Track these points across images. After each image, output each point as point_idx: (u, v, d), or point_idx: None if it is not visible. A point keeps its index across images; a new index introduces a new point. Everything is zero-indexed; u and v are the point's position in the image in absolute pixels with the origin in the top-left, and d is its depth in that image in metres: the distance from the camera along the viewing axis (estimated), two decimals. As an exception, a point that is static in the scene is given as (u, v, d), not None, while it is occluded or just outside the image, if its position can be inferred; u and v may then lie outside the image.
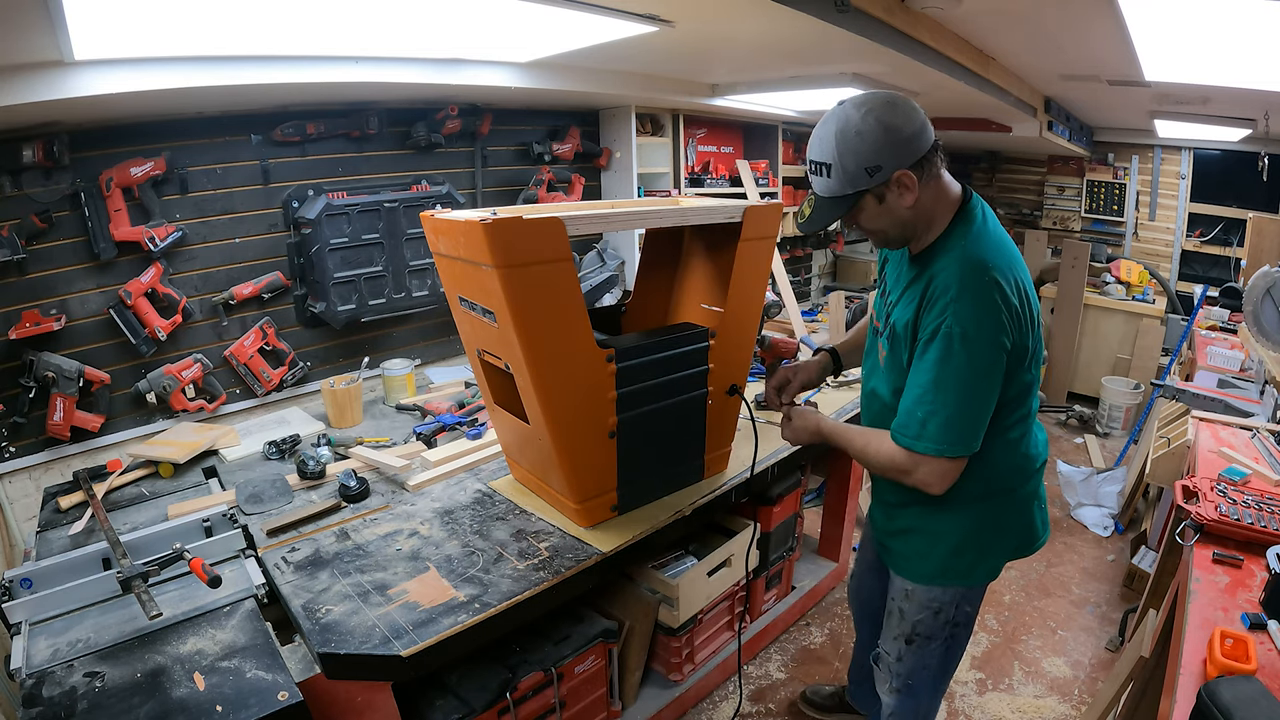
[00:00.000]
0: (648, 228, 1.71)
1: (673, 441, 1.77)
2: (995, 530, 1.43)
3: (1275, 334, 2.40)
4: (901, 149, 1.21)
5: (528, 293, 1.36)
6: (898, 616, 1.55)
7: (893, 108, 1.21)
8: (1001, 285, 1.20)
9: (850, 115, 1.20)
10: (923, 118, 1.23)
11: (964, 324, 1.19)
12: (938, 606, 1.48)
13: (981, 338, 1.19)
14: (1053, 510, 3.50)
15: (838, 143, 1.21)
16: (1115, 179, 5.27)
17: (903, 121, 1.20)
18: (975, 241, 1.25)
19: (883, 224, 1.30)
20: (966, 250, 1.24)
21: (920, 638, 1.52)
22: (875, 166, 1.21)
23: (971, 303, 1.19)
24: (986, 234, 1.27)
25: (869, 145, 1.19)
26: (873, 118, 1.19)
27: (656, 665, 2.14)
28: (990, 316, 1.19)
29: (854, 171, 1.21)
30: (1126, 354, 4.73)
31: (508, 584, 1.45)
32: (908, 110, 1.22)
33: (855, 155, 1.20)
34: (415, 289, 2.71)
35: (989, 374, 1.22)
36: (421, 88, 2.42)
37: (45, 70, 1.61)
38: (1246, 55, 2.20)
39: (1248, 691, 1.02)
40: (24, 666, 1.21)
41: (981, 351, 1.20)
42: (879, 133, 1.19)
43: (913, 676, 1.58)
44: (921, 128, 1.22)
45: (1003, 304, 1.19)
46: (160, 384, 2.26)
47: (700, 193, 3.76)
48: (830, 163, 1.23)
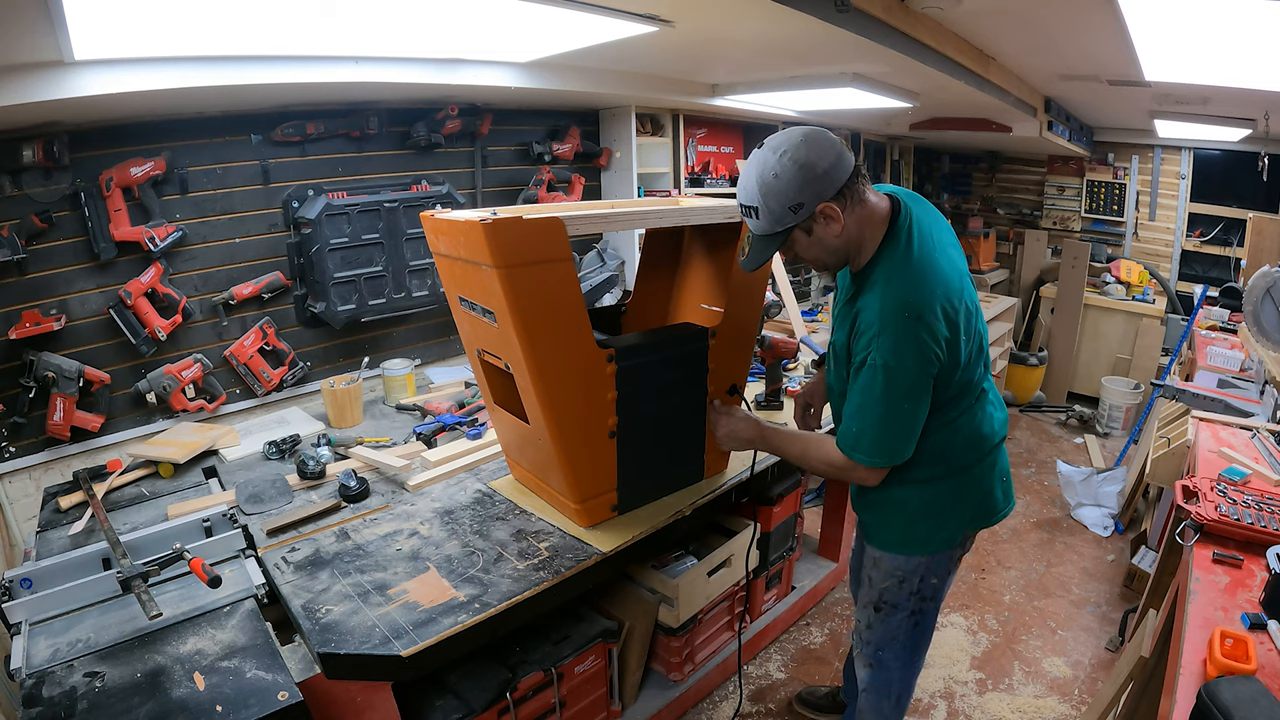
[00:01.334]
0: (648, 228, 1.71)
1: (673, 441, 1.77)
2: (952, 502, 1.51)
3: (1275, 334, 2.40)
4: (819, 184, 1.27)
5: (528, 293, 1.36)
6: (867, 584, 1.64)
7: (807, 145, 1.27)
8: (923, 318, 1.28)
9: (768, 160, 1.28)
10: (838, 150, 1.29)
11: (885, 357, 1.29)
12: (902, 575, 1.56)
13: (903, 367, 1.29)
14: (1053, 510, 3.51)
15: (759, 186, 1.28)
16: (1115, 179, 5.27)
17: (817, 158, 1.26)
18: (898, 274, 1.33)
19: (817, 253, 1.38)
20: (889, 285, 1.32)
21: (887, 605, 1.60)
22: (798, 204, 1.27)
23: (892, 338, 1.28)
24: (910, 263, 1.33)
25: (788, 185, 1.26)
26: (788, 159, 1.26)
27: (656, 665, 2.15)
28: (910, 349, 1.28)
29: (779, 211, 1.29)
30: (1126, 354, 4.73)
31: (508, 584, 1.45)
32: (822, 145, 1.28)
33: (777, 196, 1.27)
34: (415, 289, 2.71)
35: (911, 396, 1.33)
36: (421, 88, 2.42)
37: (45, 70, 1.61)
38: (1246, 55, 2.20)
39: (1248, 691, 1.02)
40: (24, 666, 1.21)
41: (902, 380, 1.30)
42: (795, 172, 1.26)
43: (882, 647, 1.65)
44: (837, 160, 1.28)
45: (926, 336, 1.28)
46: (160, 384, 2.26)
47: (700, 193, 3.75)
48: (756, 205, 1.30)
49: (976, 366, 1.44)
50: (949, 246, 1.43)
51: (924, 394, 1.34)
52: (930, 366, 1.31)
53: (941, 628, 2.59)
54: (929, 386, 1.34)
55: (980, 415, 1.49)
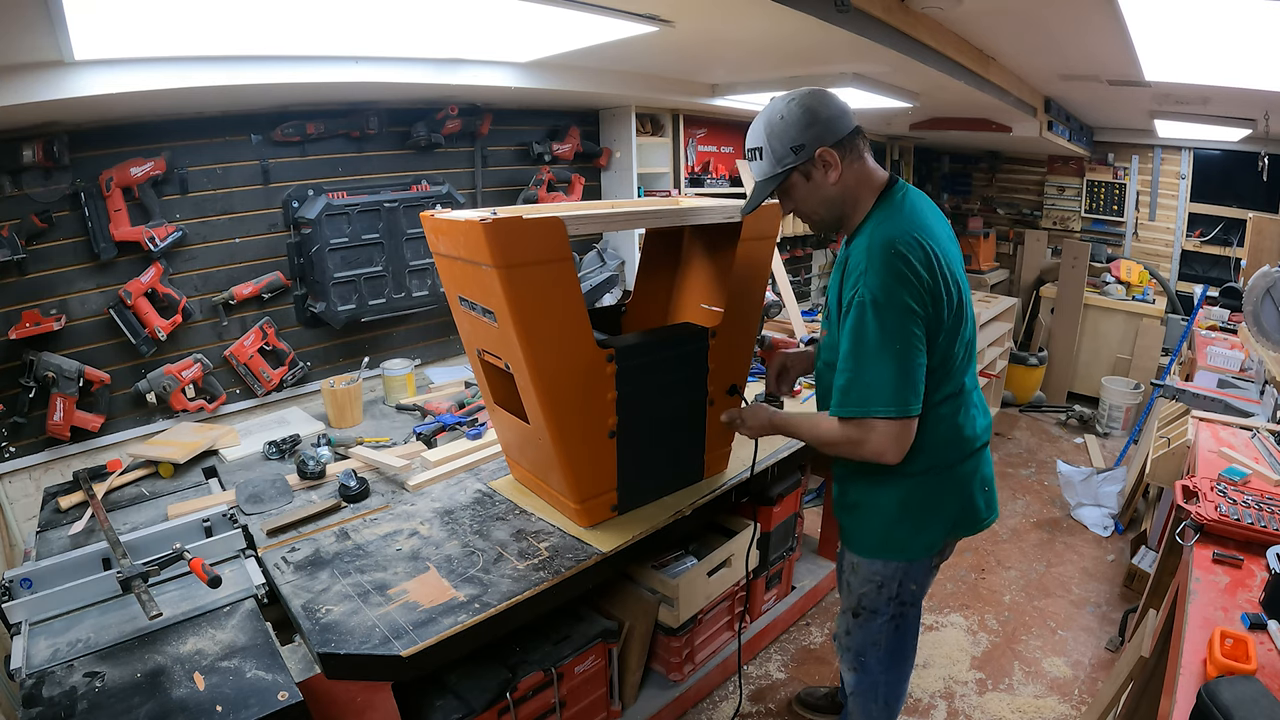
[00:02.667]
0: (648, 228, 1.71)
1: (673, 441, 1.77)
2: (931, 504, 1.48)
3: (1275, 334, 2.40)
4: (823, 128, 1.34)
5: (528, 292, 1.36)
6: (846, 589, 1.63)
7: (814, 95, 1.36)
8: (906, 256, 1.28)
9: (777, 104, 1.37)
10: (843, 105, 1.38)
11: (873, 291, 1.29)
12: (880, 580, 1.54)
13: (891, 303, 1.28)
14: (1053, 510, 3.51)
15: (766, 128, 1.37)
16: (1115, 179, 5.26)
17: (822, 106, 1.35)
18: (887, 220, 1.36)
19: (813, 203, 1.42)
20: (877, 228, 1.35)
21: (866, 611, 1.58)
22: (799, 145, 1.35)
23: (878, 273, 1.29)
24: (901, 212, 1.37)
25: (793, 126, 1.34)
26: (795, 104, 1.35)
27: (656, 665, 2.14)
28: (897, 283, 1.28)
29: (781, 151, 1.36)
30: (1126, 354, 4.73)
31: (508, 584, 1.45)
32: (828, 97, 1.37)
33: (781, 136, 1.35)
34: (415, 289, 2.71)
35: (904, 336, 1.29)
36: (421, 88, 2.42)
37: (45, 70, 1.61)
38: (1246, 55, 2.20)
39: (1248, 691, 1.02)
40: (24, 666, 1.21)
41: (891, 316, 1.28)
42: (800, 114, 1.34)
43: (864, 653, 1.64)
44: (841, 112, 1.37)
45: (909, 272, 1.28)
46: (160, 384, 2.26)
47: (700, 193, 3.76)
48: (761, 146, 1.38)
49: (960, 345, 1.41)
50: (943, 227, 1.44)
51: (915, 340, 1.30)
52: (919, 309, 1.29)
53: (941, 628, 2.59)
54: (919, 333, 1.30)
55: (965, 413, 1.47)
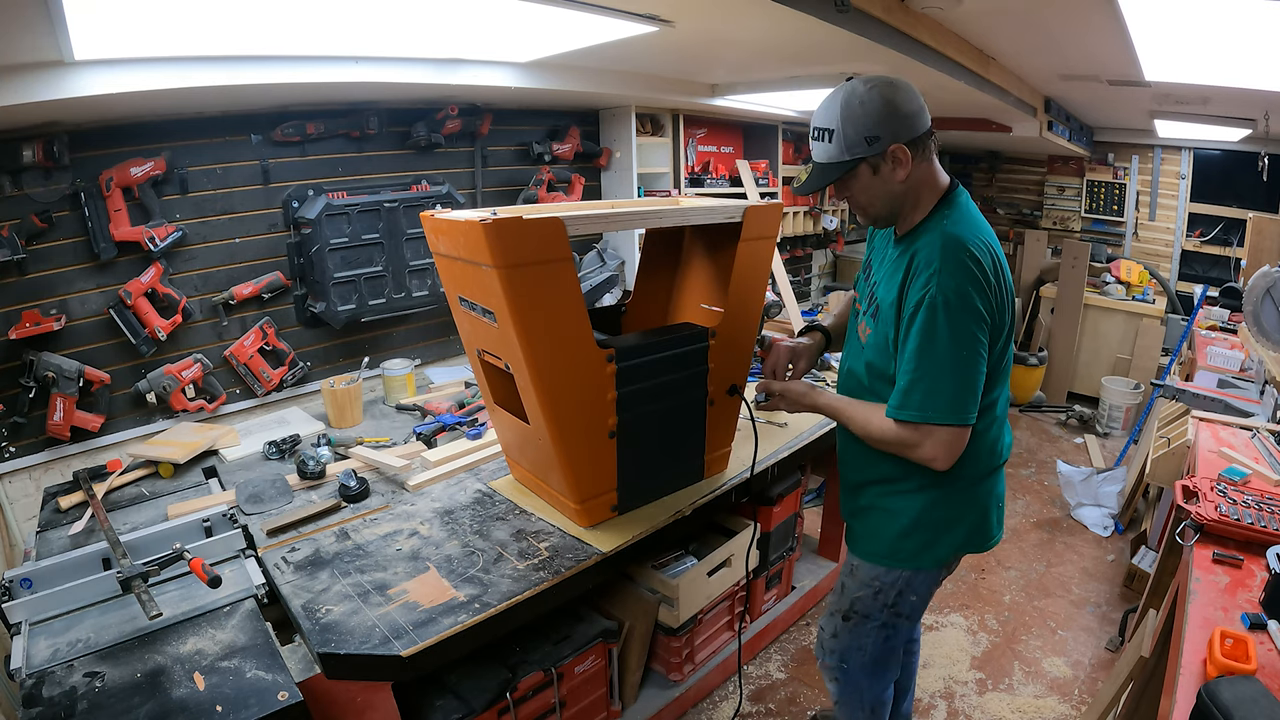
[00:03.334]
0: (648, 228, 1.71)
1: (673, 441, 1.77)
2: (948, 516, 1.45)
3: (1275, 334, 2.40)
4: (900, 124, 1.27)
5: (528, 293, 1.36)
6: (839, 591, 1.60)
7: (895, 87, 1.29)
8: (979, 259, 1.25)
9: (857, 88, 1.28)
10: (922, 102, 1.31)
11: (946, 293, 1.24)
12: (878, 586, 1.51)
13: (964, 306, 1.24)
14: (1053, 510, 3.51)
15: (842, 110, 1.28)
16: (1115, 179, 5.27)
17: (903, 100, 1.28)
18: (955, 222, 1.31)
19: (873, 196, 1.35)
20: (946, 229, 1.30)
21: (857, 615, 1.55)
22: (874, 136, 1.27)
23: (952, 274, 1.24)
24: (966, 216, 1.33)
25: (871, 115, 1.26)
26: (876, 92, 1.27)
27: (656, 665, 2.14)
28: (971, 287, 1.24)
29: (854, 139, 1.28)
30: (1126, 354, 4.73)
31: (508, 584, 1.45)
32: (910, 91, 1.30)
33: (856, 123, 1.27)
34: (415, 289, 2.71)
35: (972, 343, 1.26)
36: (421, 88, 2.42)
37: (45, 70, 1.61)
38: (1246, 55, 2.20)
39: (1248, 691, 1.02)
40: (24, 666, 1.21)
41: (964, 320, 1.24)
42: (881, 105, 1.26)
43: (846, 658, 1.61)
44: (920, 110, 1.30)
45: (980, 276, 1.25)
46: (160, 384, 2.26)
47: (700, 193, 3.76)
48: (833, 129, 1.29)
49: (1007, 359, 1.38)
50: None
51: (981, 347, 1.26)
52: (987, 315, 1.25)
53: (941, 628, 2.59)
54: (984, 340, 1.27)
55: (998, 426, 1.43)
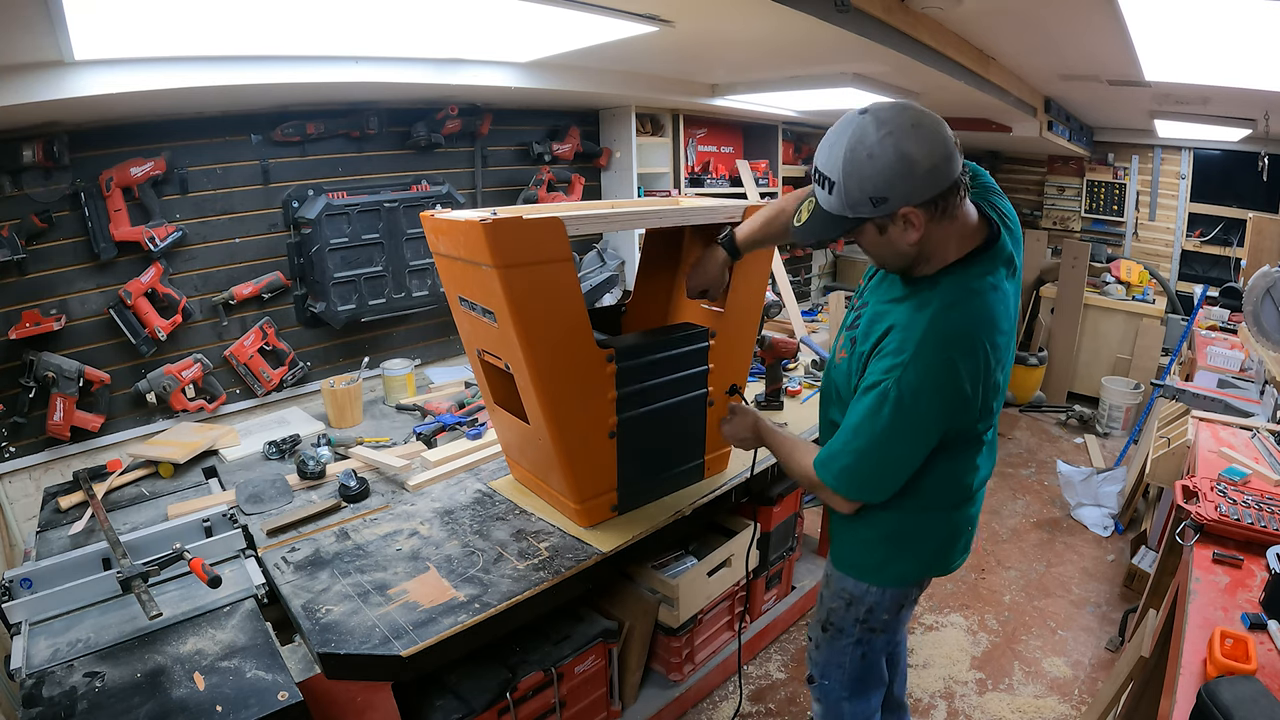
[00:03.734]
0: (648, 228, 1.71)
1: (673, 441, 1.77)
2: (914, 536, 1.40)
3: (1275, 334, 2.40)
4: (915, 184, 1.08)
5: (528, 293, 1.36)
6: (820, 600, 1.58)
7: (917, 133, 1.06)
8: (957, 367, 1.14)
9: (867, 133, 1.07)
10: (949, 151, 1.08)
11: (904, 391, 1.14)
12: (849, 598, 1.48)
13: (918, 409, 1.15)
14: (1053, 510, 3.51)
15: (846, 160, 1.09)
16: (1115, 179, 5.27)
17: (923, 153, 1.06)
18: (958, 304, 1.15)
19: (881, 253, 1.22)
20: (942, 314, 1.15)
21: (833, 627, 1.53)
22: (881, 198, 1.09)
23: (921, 374, 1.14)
24: (977, 298, 1.16)
25: (879, 172, 1.07)
26: (891, 142, 1.06)
27: (656, 665, 2.14)
28: (935, 394, 1.15)
29: (857, 197, 1.10)
30: (1126, 354, 4.73)
31: (508, 584, 1.45)
32: (933, 138, 1.07)
33: (861, 180, 1.09)
34: (415, 289, 2.71)
35: (910, 439, 1.20)
36: (421, 88, 2.42)
37: (45, 70, 1.61)
38: (1246, 55, 2.20)
39: (1248, 691, 1.02)
40: (24, 666, 1.21)
41: (912, 422, 1.17)
42: (893, 160, 1.06)
43: (826, 674, 1.58)
44: (944, 161, 1.08)
45: (951, 384, 1.15)
46: (160, 384, 2.26)
47: (700, 193, 3.76)
48: (835, 180, 1.11)
49: (984, 418, 1.28)
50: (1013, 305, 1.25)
51: (923, 446, 1.21)
52: (947, 420, 1.19)
53: (941, 628, 2.59)
54: (932, 439, 1.21)
55: (970, 462, 1.35)
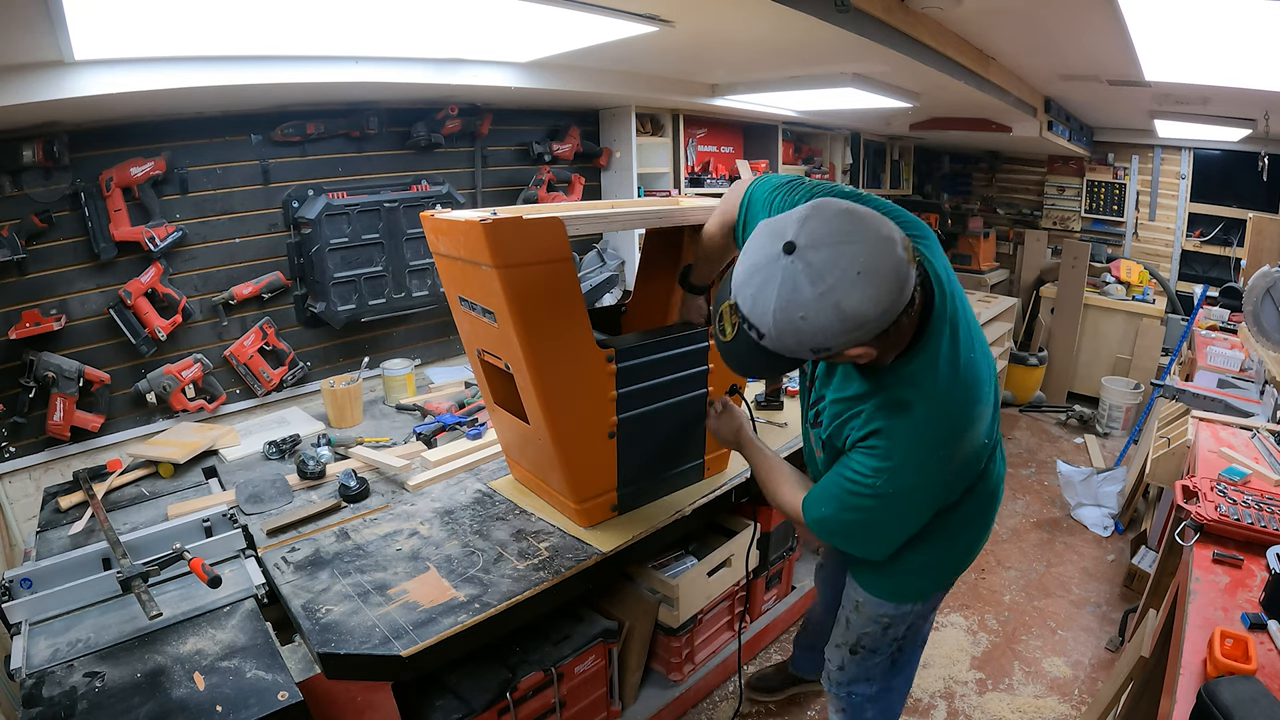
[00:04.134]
0: (648, 228, 1.71)
1: (673, 441, 1.77)
2: (951, 551, 1.39)
3: (1275, 334, 2.40)
4: (865, 334, 0.94)
5: (528, 292, 1.36)
6: (844, 625, 1.52)
7: (864, 282, 0.89)
8: (952, 457, 1.11)
9: (800, 288, 0.90)
10: (900, 281, 0.91)
11: (896, 489, 1.10)
12: (887, 622, 1.44)
13: (911, 500, 1.13)
14: (1053, 510, 3.51)
15: (777, 320, 0.92)
16: (1115, 179, 5.26)
17: (869, 306, 0.90)
18: (940, 398, 1.06)
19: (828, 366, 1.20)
20: (928, 417, 1.06)
21: (865, 650, 1.49)
22: (824, 349, 0.95)
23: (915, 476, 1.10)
24: (955, 380, 1.07)
25: (819, 332, 0.92)
26: (831, 300, 0.89)
27: (656, 665, 2.14)
28: (930, 487, 1.13)
29: (794, 348, 0.96)
30: (1126, 354, 4.73)
31: (508, 584, 1.45)
32: (882, 280, 0.90)
33: (799, 339, 0.93)
34: (415, 289, 2.71)
35: (910, 519, 1.18)
36: (421, 88, 2.41)
37: (45, 70, 1.61)
38: (1246, 55, 2.20)
39: (1248, 691, 1.02)
40: (24, 666, 1.21)
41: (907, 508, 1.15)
42: (835, 322, 0.90)
43: (854, 687, 1.55)
44: (893, 301, 0.91)
45: (953, 472, 1.14)
46: (160, 384, 2.26)
47: (700, 193, 3.75)
48: (765, 332, 0.95)
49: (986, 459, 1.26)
50: (974, 320, 1.17)
51: (926, 516, 1.19)
52: (946, 498, 1.18)
53: (941, 628, 2.59)
54: (934, 510, 1.19)
55: (986, 483, 1.33)
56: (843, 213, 0.92)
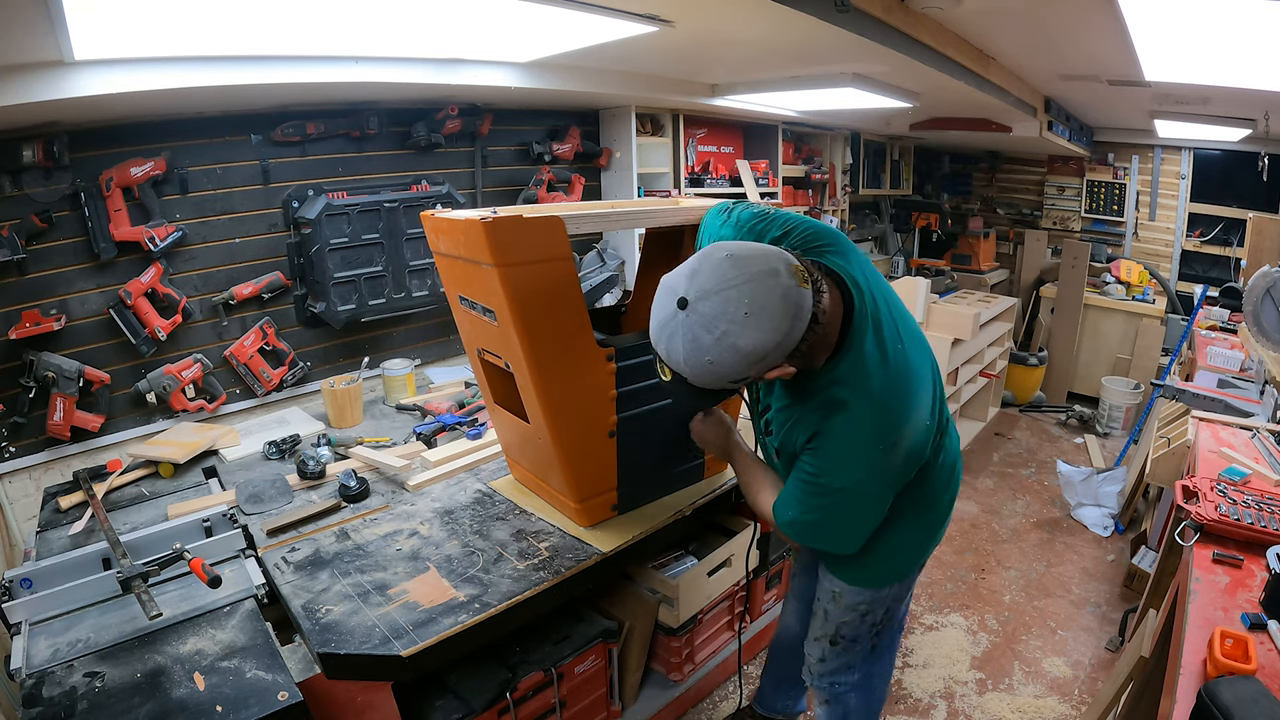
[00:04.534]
0: (648, 228, 1.71)
1: (673, 441, 1.77)
2: (925, 533, 1.44)
3: (1275, 334, 2.39)
4: (770, 362, 1.02)
5: (528, 292, 1.36)
6: (822, 618, 1.54)
7: (753, 321, 0.97)
8: (898, 446, 1.14)
9: (699, 338, 0.99)
10: (793, 308, 0.99)
11: (846, 484, 1.16)
12: (865, 608, 1.47)
13: (863, 491, 1.18)
14: (1053, 510, 3.51)
15: (690, 363, 1.02)
16: (1115, 179, 5.27)
17: (765, 339, 0.98)
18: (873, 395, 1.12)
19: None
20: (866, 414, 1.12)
21: (844, 640, 1.52)
22: (741, 378, 1.04)
23: (862, 470, 1.15)
24: (886, 374, 1.13)
25: (729, 368, 1.01)
26: (728, 343, 0.97)
27: (656, 665, 2.14)
28: (878, 477, 1.17)
29: (716, 383, 1.05)
30: (1126, 354, 4.73)
31: (508, 584, 1.45)
32: (772, 313, 0.97)
33: (714, 375, 1.02)
34: (415, 289, 2.71)
35: (869, 510, 1.22)
36: (421, 88, 2.42)
37: (45, 70, 1.61)
38: (1246, 55, 2.20)
39: (1248, 691, 1.02)
40: (24, 666, 1.21)
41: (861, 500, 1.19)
42: (738, 359, 0.99)
43: (837, 678, 1.57)
44: (790, 327, 0.99)
45: (901, 462, 1.17)
46: (160, 384, 2.26)
47: (700, 193, 3.76)
48: (685, 374, 1.05)
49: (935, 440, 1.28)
50: (904, 313, 1.24)
51: (885, 505, 1.23)
52: (900, 484, 1.22)
53: (941, 628, 2.59)
54: (892, 497, 1.23)
55: (941, 462, 1.36)
56: (724, 260, 1.00)
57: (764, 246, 1.05)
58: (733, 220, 1.37)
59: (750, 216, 1.33)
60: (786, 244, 1.20)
